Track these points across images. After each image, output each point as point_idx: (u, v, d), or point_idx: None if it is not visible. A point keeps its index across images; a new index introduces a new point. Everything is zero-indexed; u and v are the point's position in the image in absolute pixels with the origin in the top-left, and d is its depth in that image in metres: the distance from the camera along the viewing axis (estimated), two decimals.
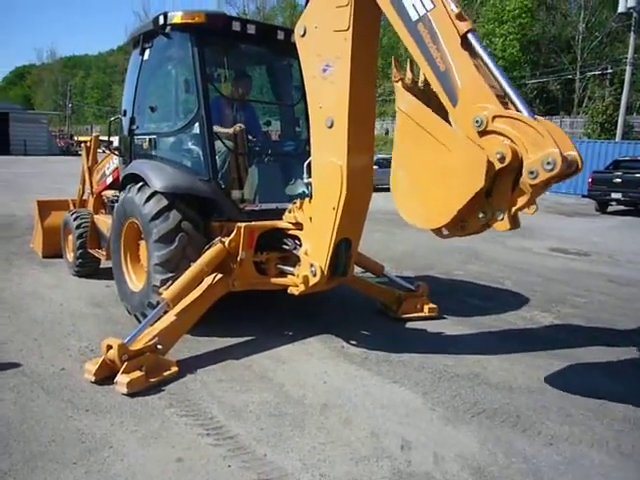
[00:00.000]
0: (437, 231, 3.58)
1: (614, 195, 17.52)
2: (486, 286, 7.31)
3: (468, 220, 3.40)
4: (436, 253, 9.53)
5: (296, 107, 5.78)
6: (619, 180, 17.35)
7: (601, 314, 6.19)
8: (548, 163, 2.96)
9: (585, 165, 3.38)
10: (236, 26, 4.99)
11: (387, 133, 43.85)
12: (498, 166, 3.12)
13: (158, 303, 4.43)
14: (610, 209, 18.36)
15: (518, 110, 3.17)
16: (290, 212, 4.68)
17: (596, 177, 17.87)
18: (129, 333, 4.09)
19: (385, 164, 25.10)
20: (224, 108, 5.38)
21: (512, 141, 3.11)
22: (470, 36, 3.31)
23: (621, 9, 26.71)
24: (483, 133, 3.19)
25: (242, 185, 5.11)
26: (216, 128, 4.98)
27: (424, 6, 3.40)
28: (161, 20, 5.02)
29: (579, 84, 37.09)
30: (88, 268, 6.83)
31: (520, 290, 7.10)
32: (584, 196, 19.28)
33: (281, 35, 5.24)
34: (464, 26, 3.30)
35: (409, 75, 3.89)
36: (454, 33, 3.31)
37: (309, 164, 4.46)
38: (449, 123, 3.42)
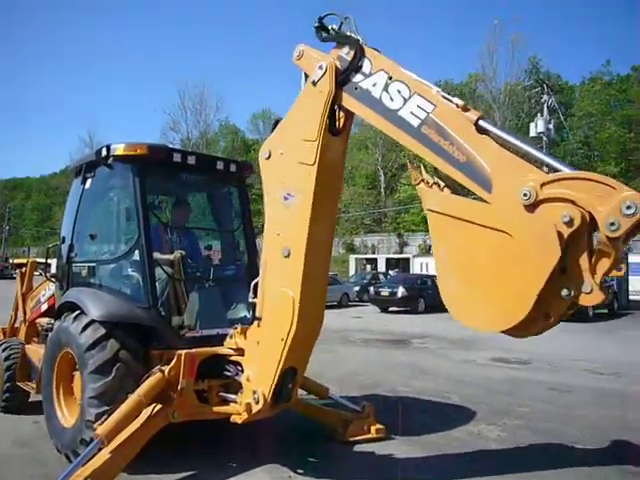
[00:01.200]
0: (517, 330, 3.14)
1: None
2: (432, 401, 7.28)
3: (552, 304, 3.04)
4: (381, 370, 9.52)
5: (236, 232, 5.93)
6: None
7: (546, 424, 6.24)
8: (628, 207, 2.69)
9: None
10: (177, 157, 5.22)
11: None
12: (567, 231, 2.86)
13: (92, 440, 4.17)
14: None
15: None
16: (231, 337, 4.63)
17: None
18: (58, 475, 3.80)
19: (332, 282, 25.02)
20: (164, 235, 5.46)
21: (573, 203, 2.87)
22: (482, 122, 3.32)
23: (532, 134, 29.78)
24: (535, 205, 2.96)
25: (182, 311, 5.08)
26: (156, 255, 5.02)
27: (424, 110, 3.45)
28: (104, 152, 5.17)
29: None
30: (16, 402, 6.37)
31: (465, 403, 7.11)
32: None
33: (220, 165, 5.51)
34: (473, 114, 3.35)
35: (427, 177, 3.77)
36: (467, 122, 3.32)
37: (256, 284, 4.43)
38: None
